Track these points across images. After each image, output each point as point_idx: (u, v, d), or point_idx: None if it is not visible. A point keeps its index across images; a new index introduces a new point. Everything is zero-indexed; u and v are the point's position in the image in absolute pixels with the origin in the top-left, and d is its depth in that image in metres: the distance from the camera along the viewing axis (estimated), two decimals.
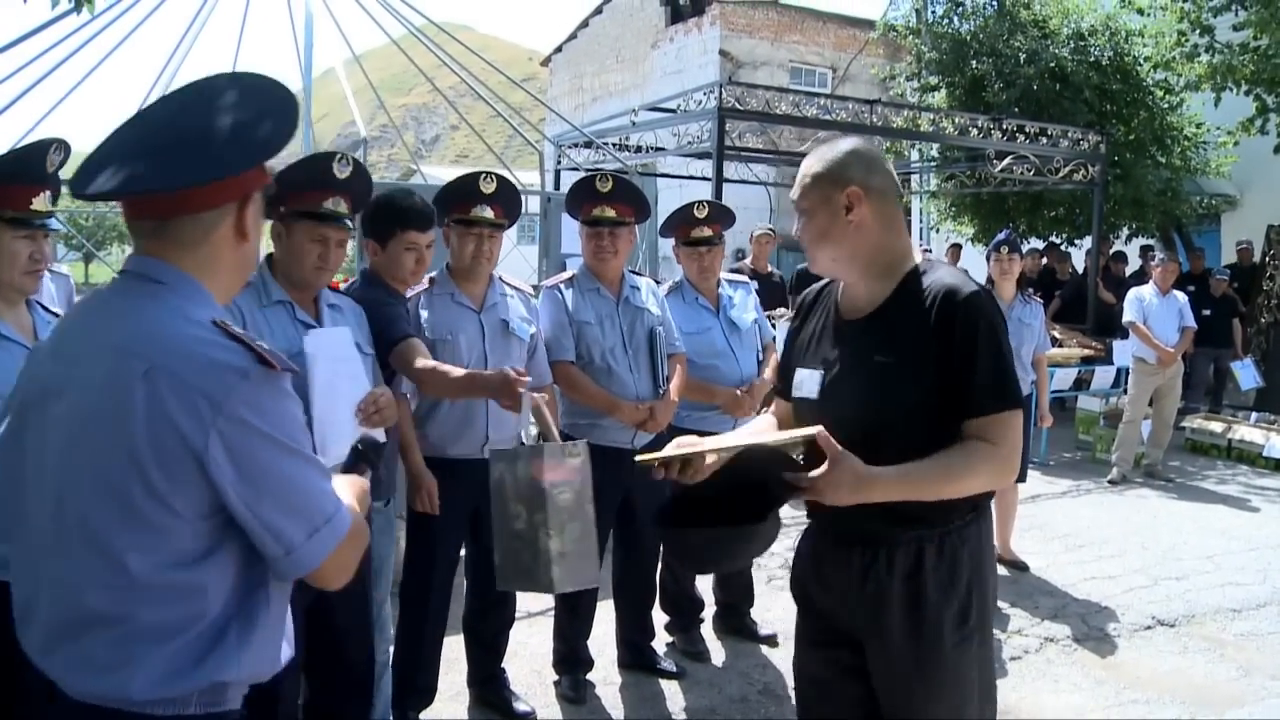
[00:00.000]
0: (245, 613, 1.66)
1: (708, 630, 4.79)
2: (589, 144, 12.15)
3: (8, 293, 2.73)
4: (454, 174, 3.94)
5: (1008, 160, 12.28)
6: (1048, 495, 7.99)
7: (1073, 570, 6.07)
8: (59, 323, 1.99)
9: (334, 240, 2.96)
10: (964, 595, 2.26)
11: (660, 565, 4.49)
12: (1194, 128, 13.16)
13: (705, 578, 4.82)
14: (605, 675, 4.36)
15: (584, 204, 4.09)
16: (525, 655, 4.49)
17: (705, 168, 11.40)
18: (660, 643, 4.59)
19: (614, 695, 4.25)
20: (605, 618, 4.40)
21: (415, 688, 3.80)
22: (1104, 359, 10.18)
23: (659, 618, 4.60)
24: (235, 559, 1.65)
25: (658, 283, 4.54)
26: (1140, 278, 10.92)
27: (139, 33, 6.47)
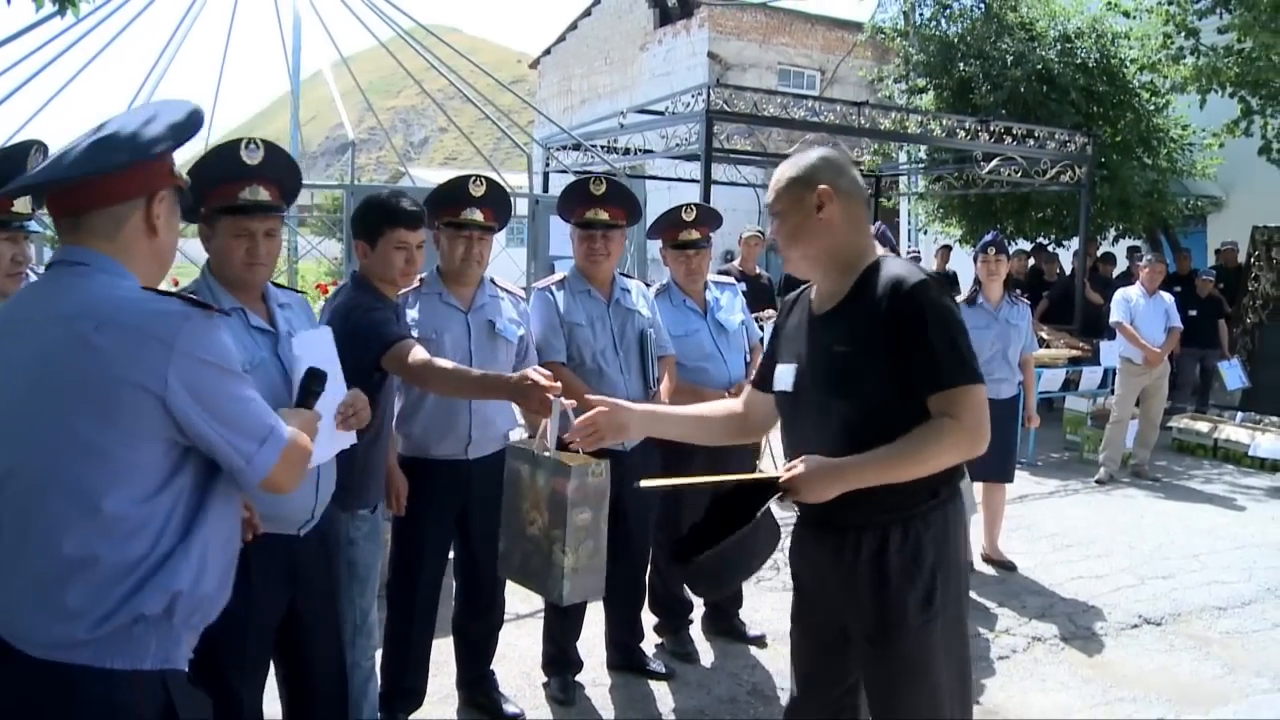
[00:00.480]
0: (195, 534, 1.88)
1: (696, 631, 4.80)
2: (577, 146, 12.15)
3: None
4: (443, 176, 3.93)
5: (995, 162, 12.32)
6: (1035, 495, 8.03)
7: (1060, 570, 6.09)
8: None
9: (260, 232, 2.73)
10: (928, 578, 2.38)
11: (649, 567, 4.50)
12: (1180, 129, 13.22)
13: None
14: (594, 677, 4.37)
15: (577, 206, 4.10)
16: (514, 657, 4.49)
17: (693, 170, 11.41)
18: (649, 644, 4.59)
19: (603, 696, 4.25)
20: (594, 619, 4.40)
21: (403, 689, 3.80)
22: (1091, 359, 10.22)
23: (648, 619, 4.61)
24: (188, 486, 1.89)
25: (647, 285, 4.55)
26: (1127, 279, 10.97)
27: (126, 35, 6.45)
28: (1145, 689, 4.48)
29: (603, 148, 12.27)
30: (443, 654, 4.04)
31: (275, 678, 2.94)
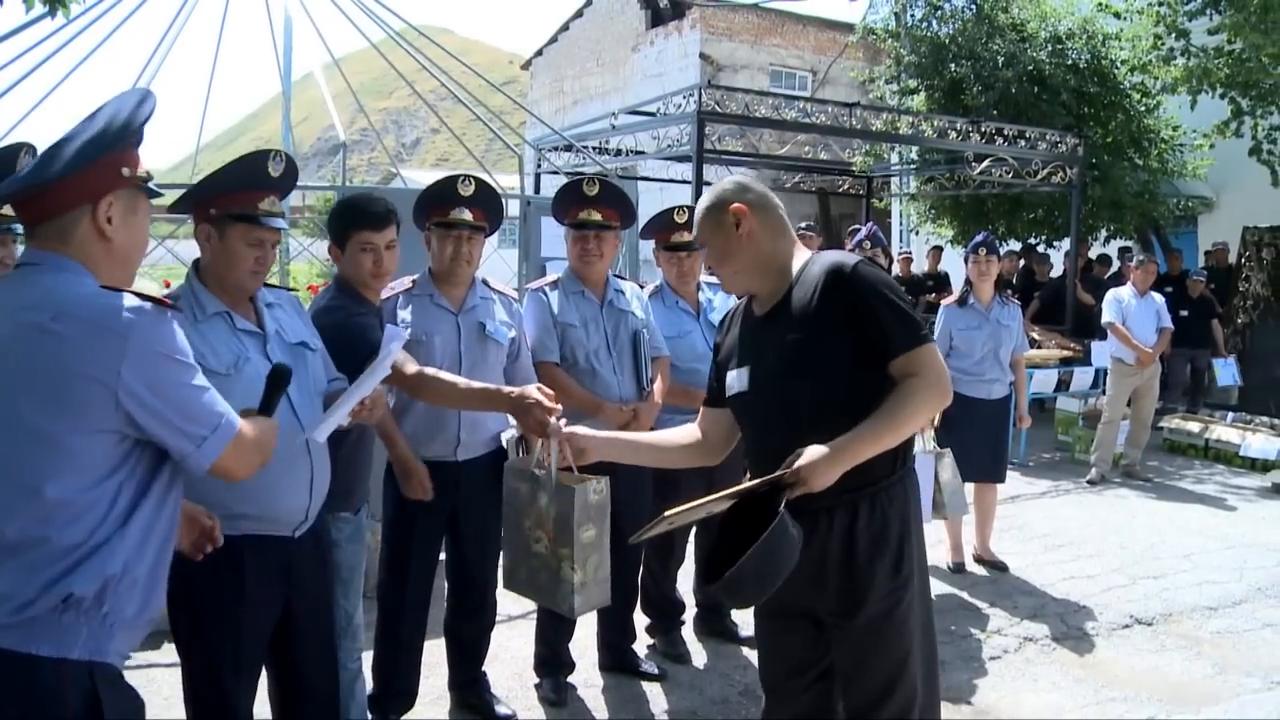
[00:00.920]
0: (133, 522, 1.93)
1: (688, 632, 4.80)
2: (569, 147, 12.15)
3: None
4: (435, 178, 3.92)
5: (986, 163, 12.34)
6: (1027, 495, 8.04)
7: (1051, 570, 6.10)
8: None
9: (270, 243, 2.76)
10: (895, 546, 2.55)
11: (641, 568, 4.50)
12: (1171, 130, 13.25)
13: (685, 580, 4.83)
14: (586, 678, 4.37)
15: (571, 207, 4.10)
16: (506, 658, 4.49)
17: (685, 171, 11.42)
18: (641, 645, 4.59)
19: (595, 697, 4.25)
20: (586, 620, 4.38)
21: (394, 690, 3.80)
22: (1083, 360, 10.24)
23: (640, 620, 4.61)
24: (134, 476, 1.94)
25: (640, 286, 4.55)
26: (1118, 279, 11.00)
27: (117, 36, 6.43)
28: (1136, 689, 4.49)
29: (594, 149, 12.27)
30: (435, 655, 4.03)
31: (267, 679, 2.93)
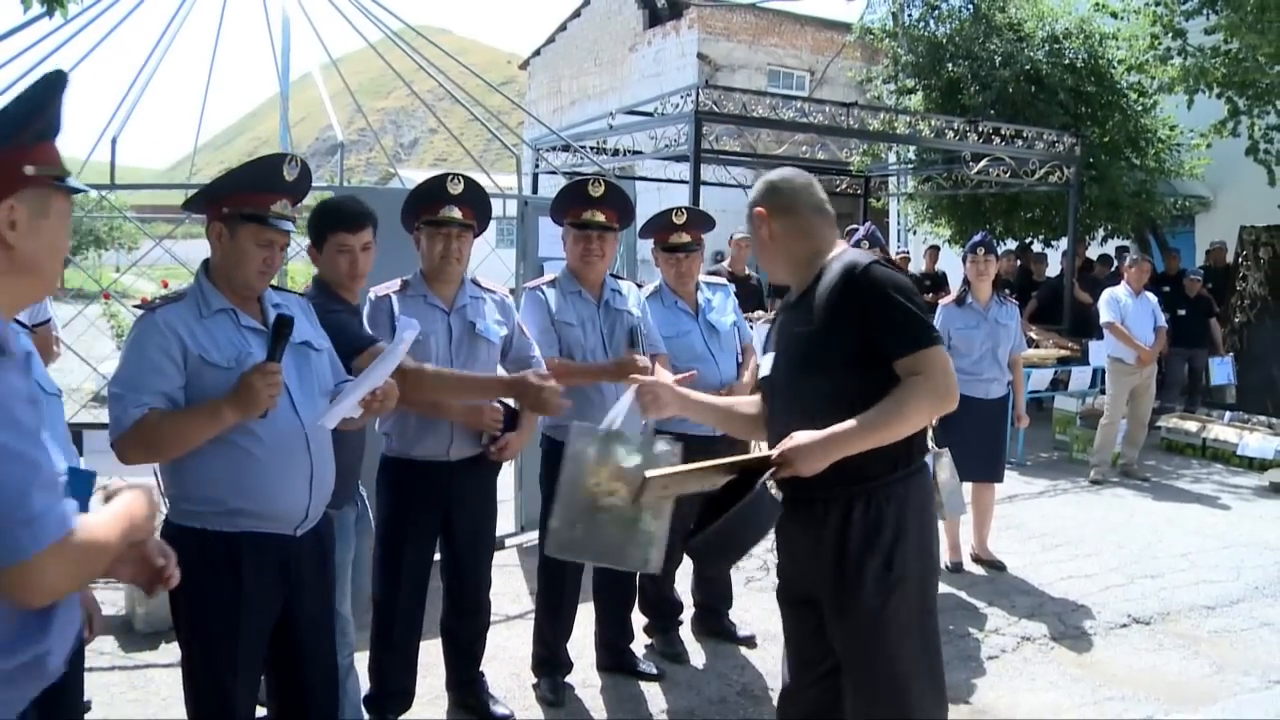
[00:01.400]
0: None
1: (686, 632, 4.80)
2: (566, 147, 12.15)
3: None
4: None
5: (984, 162, 12.35)
6: (1025, 495, 8.05)
7: (1049, 569, 6.11)
8: None
9: (279, 245, 2.79)
10: (888, 545, 2.57)
11: None
12: (1168, 130, 13.26)
13: (684, 580, 4.83)
14: (584, 678, 4.37)
15: (573, 207, 4.10)
16: (504, 658, 4.49)
17: (683, 171, 11.41)
18: (639, 645, 4.59)
19: (593, 697, 4.25)
20: (584, 620, 4.40)
21: (391, 690, 3.80)
22: (1080, 359, 10.25)
23: (638, 620, 4.61)
24: None
25: (638, 285, 4.55)
26: (1116, 279, 11.00)
27: (115, 36, 6.41)
28: (1134, 688, 4.49)
29: (592, 149, 12.27)
30: (433, 655, 4.03)
31: (265, 677, 2.93)
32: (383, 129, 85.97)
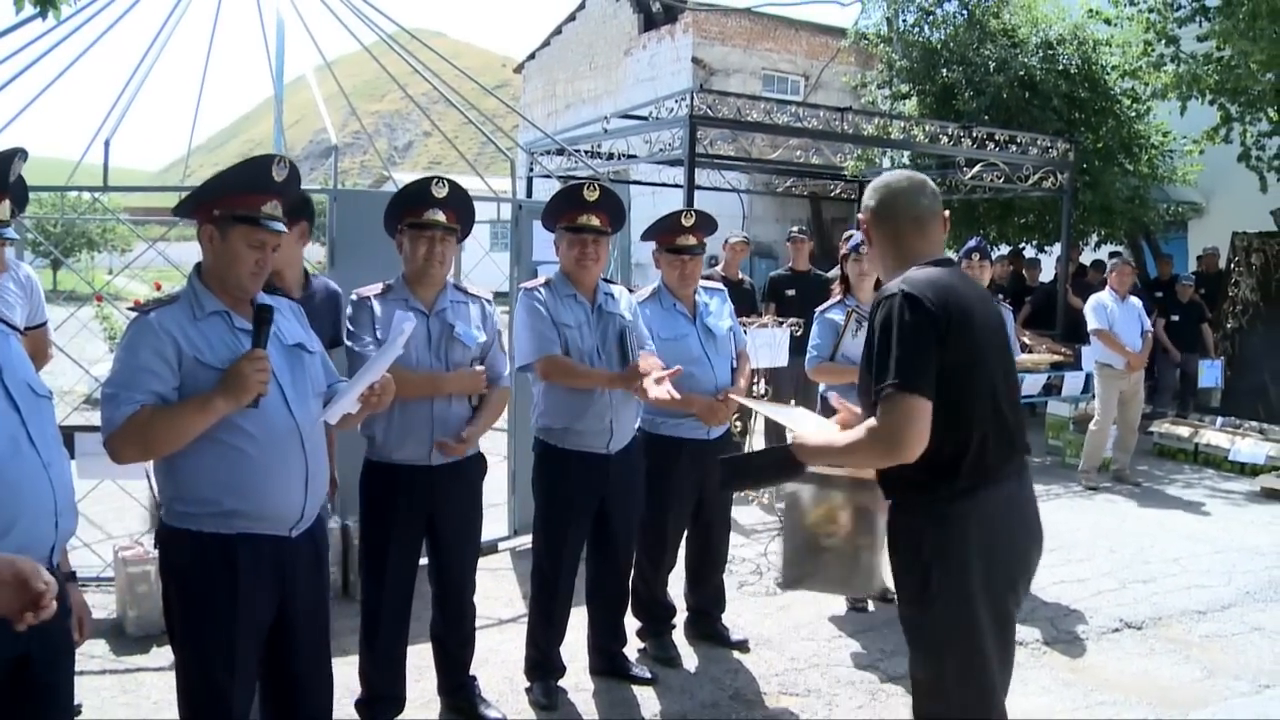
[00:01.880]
0: None
1: (679, 636, 4.80)
2: (561, 151, 12.15)
3: None
4: None
5: (978, 168, 12.37)
6: None
7: (1042, 574, 6.01)
8: None
9: (270, 245, 2.79)
10: (924, 565, 2.60)
11: (633, 572, 4.50)
12: (1161, 136, 13.30)
13: (677, 584, 4.83)
14: (577, 682, 4.36)
15: (569, 211, 4.10)
16: (497, 662, 4.48)
17: (677, 175, 11.42)
18: (632, 649, 4.59)
19: (586, 701, 4.25)
20: (577, 624, 4.39)
21: (380, 695, 3.81)
22: (1073, 365, 10.27)
23: (631, 624, 4.61)
24: None
25: (630, 290, 4.55)
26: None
27: (108, 38, 6.39)
28: (1126, 692, 4.50)
29: (586, 152, 12.28)
30: (425, 659, 4.03)
31: (260, 679, 2.92)
32: (377, 132, 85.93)
